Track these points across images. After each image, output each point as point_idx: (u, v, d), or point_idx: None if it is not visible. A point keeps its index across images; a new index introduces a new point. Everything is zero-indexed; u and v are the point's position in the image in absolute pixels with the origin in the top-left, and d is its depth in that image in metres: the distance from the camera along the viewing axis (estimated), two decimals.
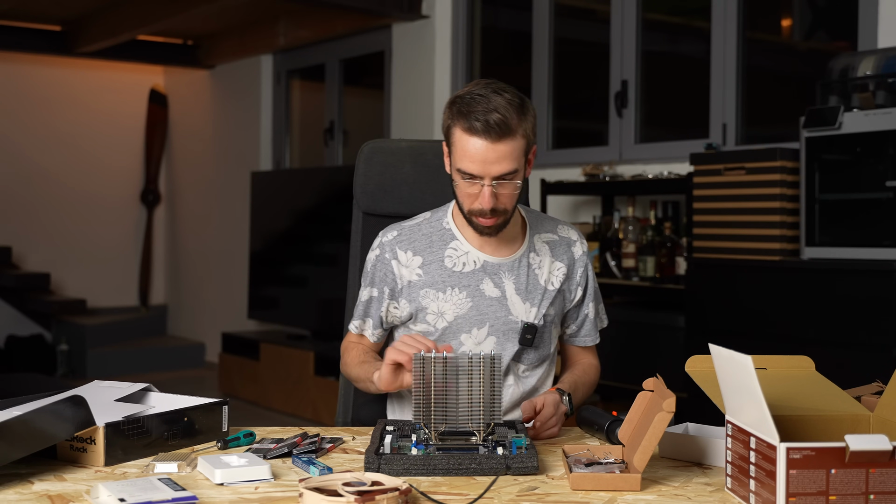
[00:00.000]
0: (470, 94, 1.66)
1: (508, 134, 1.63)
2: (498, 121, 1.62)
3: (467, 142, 1.65)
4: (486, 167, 1.64)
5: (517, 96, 1.68)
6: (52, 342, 6.69)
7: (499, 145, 1.63)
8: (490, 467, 1.35)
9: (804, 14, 4.05)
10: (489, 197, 1.66)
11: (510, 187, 1.67)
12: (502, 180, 1.66)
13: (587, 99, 4.60)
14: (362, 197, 2.08)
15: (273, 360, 5.54)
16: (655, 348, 3.51)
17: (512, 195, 1.69)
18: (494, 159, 1.64)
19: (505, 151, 1.64)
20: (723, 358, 1.25)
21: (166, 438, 1.48)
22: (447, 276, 1.79)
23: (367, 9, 5.00)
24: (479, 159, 1.64)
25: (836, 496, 1.13)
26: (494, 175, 1.65)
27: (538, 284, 1.82)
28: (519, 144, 1.66)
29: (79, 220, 7.19)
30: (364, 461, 1.37)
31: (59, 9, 5.95)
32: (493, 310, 1.79)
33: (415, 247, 1.81)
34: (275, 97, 6.41)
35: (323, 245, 5.60)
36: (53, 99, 7.04)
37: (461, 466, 1.35)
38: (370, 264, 1.85)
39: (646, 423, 1.34)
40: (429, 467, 1.35)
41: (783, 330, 2.88)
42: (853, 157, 2.78)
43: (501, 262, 1.81)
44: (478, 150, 1.64)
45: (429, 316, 1.80)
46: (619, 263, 3.73)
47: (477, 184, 1.67)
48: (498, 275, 1.80)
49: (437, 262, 1.80)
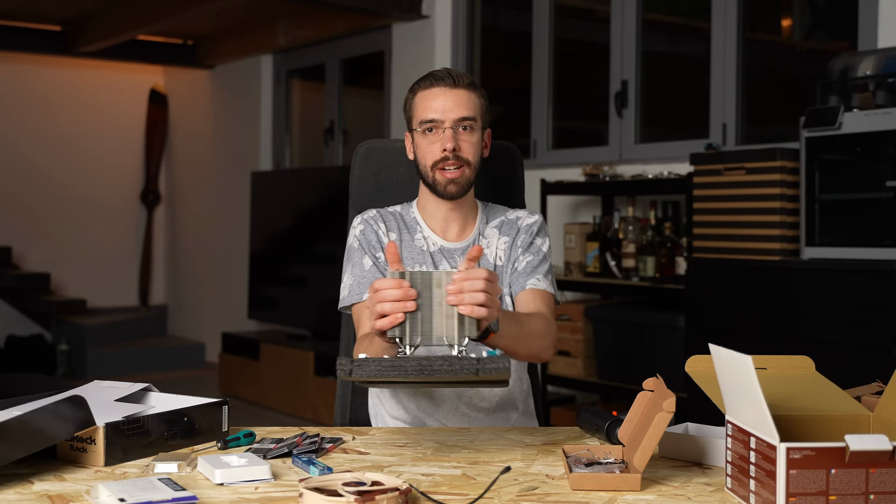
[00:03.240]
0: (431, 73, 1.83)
1: (465, 84, 1.79)
2: (454, 72, 1.79)
3: (428, 93, 1.79)
4: (445, 112, 1.77)
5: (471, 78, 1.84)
6: (52, 342, 6.69)
7: (459, 90, 1.78)
8: (461, 367, 1.32)
9: (804, 14, 4.05)
10: (451, 137, 1.76)
11: (470, 135, 1.79)
12: (462, 128, 1.78)
13: (587, 99, 4.60)
14: (358, 197, 2.08)
15: (273, 360, 5.55)
16: (655, 348, 3.51)
17: (473, 144, 1.79)
18: (454, 104, 1.77)
19: (463, 96, 1.78)
20: (723, 358, 1.25)
21: (166, 438, 1.48)
22: (417, 254, 1.88)
23: (367, 9, 5.00)
24: (440, 106, 1.77)
25: (836, 496, 1.13)
26: (455, 118, 1.77)
27: (489, 263, 1.89)
28: (476, 100, 1.80)
29: (79, 220, 7.19)
30: (336, 366, 1.35)
31: (59, 9, 5.95)
32: None
33: (390, 225, 1.91)
34: (275, 97, 6.41)
35: (323, 245, 5.60)
36: (53, 99, 7.04)
37: (433, 367, 1.33)
38: (357, 237, 1.89)
39: (646, 423, 1.34)
40: (401, 370, 1.33)
41: (783, 330, 2.88)
42: (853, 157, 2.78)
43: (455, 247, 1.89)
44: (437, 98, 1.78)
45: None
46: (619, 263, 3.73)
47: (438, 130, 1.78)
48: (453, 258, 1.89)
49: (407, 241, 1.90)
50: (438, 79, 1.79)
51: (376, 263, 1.85)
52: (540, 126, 4.56)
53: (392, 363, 1.33)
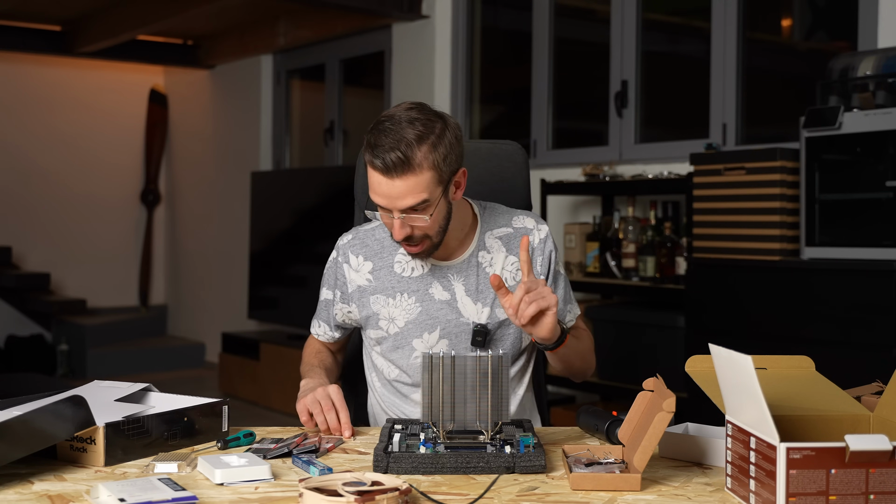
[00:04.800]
0: (385, 123, 1.65)
1: (409, 170, 1.61)
2: (396, 159, 1.60)
3: (372, 175, 1.65)
4: (391, 201, 1.65)
5: (431, 122, 1.65)
6: (52, 342, 6.69)
7: (398, 181, 1.62)
8: (498, 466, 1.35)
9: (804, 14, 4.05)
10: (399, 229, 1.66)
11: (420, 220, 1.66)
12: (412, 213, 1.65)
13: (587, 99, 4.60)
14: (363, 197, 2.08)
15: (273, 360, 5.54)
16: (655, 348, 3.51)
17: (428, 222, 1.67)
18: (398, 195, 1.63)
19: (406, 187, 1.62)
20: (723, 358, 1.25)
21: (166, 438, 1.48)
22: (396, 282, 1.80)
23: (367, 9, 5.00)
24: (383, 194, 1.64)
25: (836, 496, 1.13)
26: (400, 209, 1.65)
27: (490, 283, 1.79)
28: (425, 178, 1.63)
29: (79, 220, 7.19)
30: (373, 459, 1.37)
31: (59, 9, 5.95)
32: (444, 313, 1.79)
33: (366, 252, 1.83)
34: (275, 97, 6.41)
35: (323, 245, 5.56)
36: (53, 99, 7.04)
37: (469, 465, 1.36)
38: (327, 266, 1.90)
39: (646, 423, 1.34)
40: (437, 466, 1.36)
41: (783, 330, 2.88)
42: (853, 157, 2.78)
43: (450, 265, 1.80)
44: (381, 186, 1.64)
45: (381, 321, 1.81)
46: (619, 263, 3.73)
47: (388, 215, 1.68)
48: (447, 277, 1.80)
49: (386, 267, 1.81)
50: (381, 169, 1.62)
51: (332, 298, 1.88)
52: (540, 126, 4.56)
53: (430, 460, 1.36)
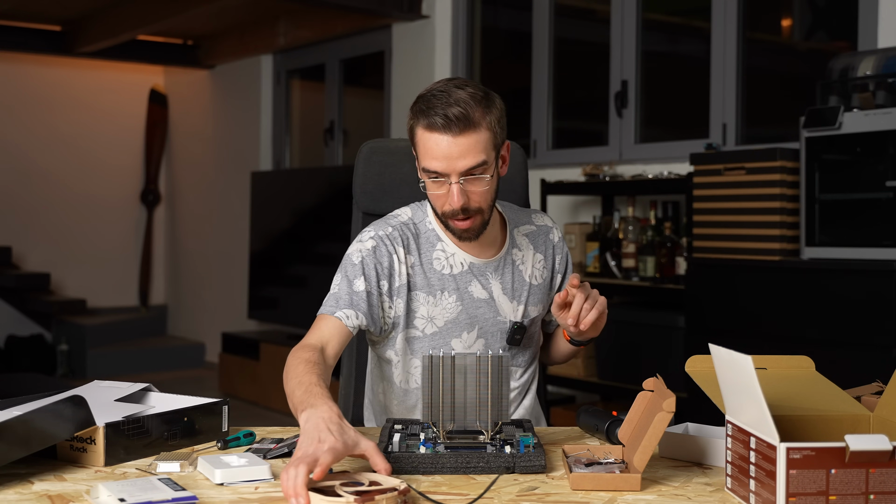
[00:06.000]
0: (431, 92, 1.61)
1: (470, 126, 1.57)
2: (458, 114, 1.56)
3: (429, 139, 1.59)
4: (450, 163, 1.58)
5: (480, 90, 1.62)
6: (52, 342, 6.69)
7: (461, 138, 1.57)
8: (498, 465, 1.35)
9: (804, 14, 4.05)
10: (458, 195, 1.59)
11: (480, 183, 1.60)
12: (470, 176, 1.59)
13: (587, 99, 4.60)
14: (362, 197, 2.07)
15: (273, 360, 5.54)
16: (655, 348, 3.51)
17: (484, 192, 1.62)
18: (458, 154, 1.57)
19: (468, 145, 1.57)
20: (723, 358, 1.25)
21: (166, 438, 1.48)
22: (437, 279, 1.73)
23: (367, 9, 5.00)
24: (442, 156, 1.58)
25: (836, 496, 1.13)
26: (461, 171, 1.58)
27: (524, 281, 1.80)
28: (484, 136, 1.59)
29: (79, 220, 7.19)
30: None
31: (59, 9, 5.95)
32: (482, 312, 1.76)
33: (409, 246, 1.73)
34: (275, 97, 6.41)
35: (323, 245, 5.60)
36: (53, 99, 7.04)
37: (469, 465, 1.35)
38: (362, 255, 1.70)
39: (646, 423, 1.33)
40: (437, 466, 1.35)
41: (783, 330, 2.88)
42: (853, 157, 2.78)
43: (487, 263, 1.76)
44: (440, 147, 1.57)
45: (417, 320, 1.74)
46: (619, 263, 3.73)
47: (444, 183, 1.61)
48: (485, 276, 1.76)
49: (427, 263, 1.74)
50: (442, 126, 1.56)
51: (372, 290, 1.68)
52: (540, 126, 4.56)
53: (430, 460, 1.36)
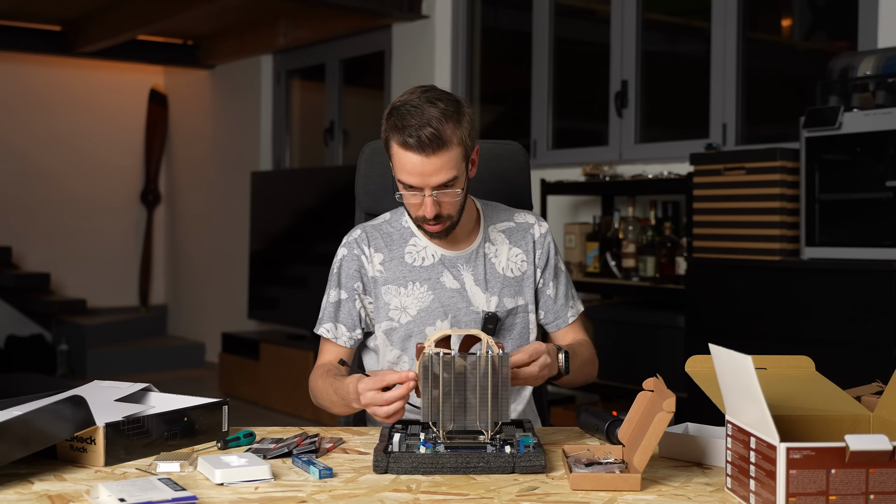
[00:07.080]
0: (405, 106, 1.69)
1: (442, 147, 1.67)
2: (430, 135, 1.66)
3: (403, 156, 1.69)
4: (424, 179, 1.69)
5: (451, 102, 1.71)
6: (52, 342, 6.69)
7: (434, 158, 1.67)
8: (498, 465, 1.36)
9: (804, 14, 4.05)
10: (431, 206, 1.71)
11: (451, 195, 1.72)
12: (443, 189, 1.71)
13: (587, 99, 4.60)
14: (364, 197, 2.08)
15: (273, 360, 5.54)
16: (655, 348, 3.51)
17: (454, 202, 1.74)
18: (432, 171, 1.68)
19: (440, 163, 1.68)
20: (723, 358, 1.25)
21: (166, 438, 1.48)
22: (407, 272, 1.84)
23: (367, 9, 5.00)
24: (416, 172, 1.68)
25: (836, 496, 1.13)
26: (433, 185, 1.70)
27: (497, 273, 1.86)
28: (455, 153, 1.69)
29: (79, 220, 7.19)
30: (373, 459, 1.38)
31: (59, 9, 5.95)
32: (455, 301, 1.83)
33: (376, 244, 1.86)
34: (275, 97, 6.41)
35: (323, 245, 5.59)
36: (53, 99, 7.04)
37: (469, 465, 1.36)
38: (337, 265, 1.88)
39: (646, 423, 1.34)
40: (437, 465, 1.36)
41: (783, 330, 2.88)
42: (853, 157, 2.78)
43: (458, 255, 1.85)
44: (414, 165, 1.68)
45: (391, 311, 1.83)
46: (619, 263, 3.73)
47: (418, 194, 1.72)
48: (456, 267, 1.84)
49: (397, 258, 1.85)
50: (416, 147, 1.66)
51: (350, 296, 1.85)
52: (540, 126, 4.56)
53: (430, 460, 1.36)
